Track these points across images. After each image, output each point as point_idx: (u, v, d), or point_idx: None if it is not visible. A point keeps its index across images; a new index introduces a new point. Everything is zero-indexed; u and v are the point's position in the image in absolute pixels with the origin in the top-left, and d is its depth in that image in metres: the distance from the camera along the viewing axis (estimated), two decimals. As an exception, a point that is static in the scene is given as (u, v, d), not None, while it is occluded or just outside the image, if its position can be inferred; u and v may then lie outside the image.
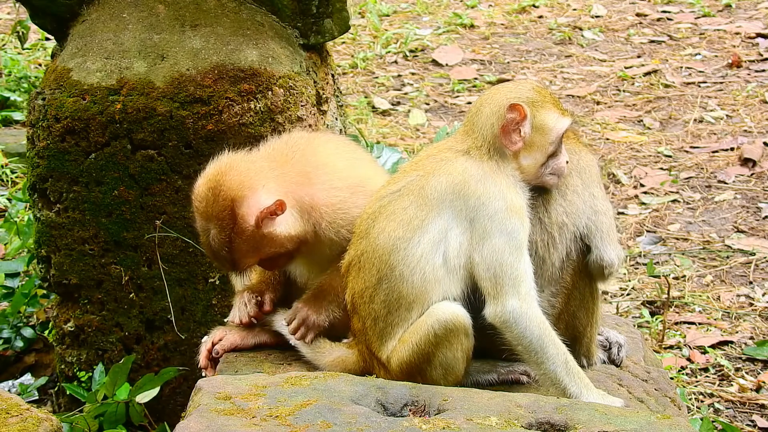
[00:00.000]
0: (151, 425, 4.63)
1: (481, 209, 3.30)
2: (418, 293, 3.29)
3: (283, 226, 3.47)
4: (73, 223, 4.71)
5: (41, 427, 3.46)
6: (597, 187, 3.60)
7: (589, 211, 3.55)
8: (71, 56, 4.72)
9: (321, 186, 3.56)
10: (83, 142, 4.63)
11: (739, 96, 8.71)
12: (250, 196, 3.43)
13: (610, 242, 3.55)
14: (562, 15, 10.59)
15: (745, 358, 5.60)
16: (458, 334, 3.27)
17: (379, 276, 3.33)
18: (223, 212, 3.41)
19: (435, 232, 3.30)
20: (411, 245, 3.29)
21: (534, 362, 3.33)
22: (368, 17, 10.54)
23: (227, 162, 3.53)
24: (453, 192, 3.32)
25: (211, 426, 2.99)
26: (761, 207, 7.04)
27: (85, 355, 4.85)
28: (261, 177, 3.49)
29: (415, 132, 8.25)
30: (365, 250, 3.37)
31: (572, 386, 3.30)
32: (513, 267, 3.27)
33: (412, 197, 3.34)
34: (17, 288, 5.54)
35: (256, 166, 3.52)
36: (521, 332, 3.28)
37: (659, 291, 6.10)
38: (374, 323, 3.36)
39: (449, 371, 3.33)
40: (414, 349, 3.30)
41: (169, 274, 4.51)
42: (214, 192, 3.43)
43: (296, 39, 4.86)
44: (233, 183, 3.44)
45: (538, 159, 3.44)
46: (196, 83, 4.58)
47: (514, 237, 3.29)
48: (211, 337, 3.81)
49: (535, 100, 3.43)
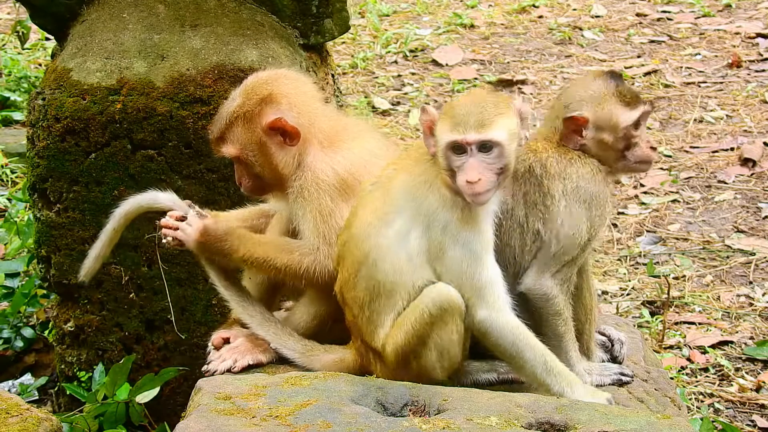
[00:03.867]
0: (151, 425, 4.63)
1: (432, 218, 3.30)
2: (393, 280, 3.31)
3: (279, 151, 3.61)
4: (73, 223, 4.71)
5: (41, 427, 3.46)
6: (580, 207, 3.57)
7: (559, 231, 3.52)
8: (71, 56, 4.72)
9: (328, 160, 3.60)
10: (83, 142, 4.63)
11: (739, 96, 8.71)
12: (283, 107, 3.60)
13: (545, 271, 3.50)
14: (562, 15, 10.59)
15: (745, 358, 5.60)
16: (453, 314, 3.27)
17: (358, 263, 3.36)
18: (255, 96, 3.62)
19: (397, 227, 3.32)
20: (380, 234, 3.32)
21: (514, 366, 3.37)
22: (368, 17, 10.54)
23: (296, 75, 3.79)
24: (409, 193, 3.34)
25: (211, 426, 2.99)
26: (761, 207, 7.04)
27: (85, 355, 4.85)
28: (304, 106, 3.65)
29: (415, 132, 8.24)
30: (348, 240, 3.41)
31: (555, 386, 3.32)
32: (474, 278, 3.27)
33: (382, 190, 3.38)
34: (17, 288, 5.54)
35: (309, 101, 3.69)
36: (495, 341, 3.31)
37: (659, 291, 6.10)
38: (361, 310, 3.38)
39: (445, 355, 3.32)
40: (409, 330, 3.29)
41: (169, 274, 4.51)
42: (266, 80, 3.65)
43: (296, 39, 4.86)
44: (283, 89, 3.64)
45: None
46: (196, 83, 4.58)
47: (470, 248, 3.28)
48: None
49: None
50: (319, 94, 3.77)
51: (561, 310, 3.45)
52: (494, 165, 3.24)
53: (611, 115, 3.49)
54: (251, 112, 3.60)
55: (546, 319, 3.44)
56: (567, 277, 3.47)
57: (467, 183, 3.20)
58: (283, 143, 3.61)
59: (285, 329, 3.64)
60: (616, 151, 3.52)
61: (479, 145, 3.23)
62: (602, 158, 3.54)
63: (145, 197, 3.80)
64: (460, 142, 3.22)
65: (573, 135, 3.53)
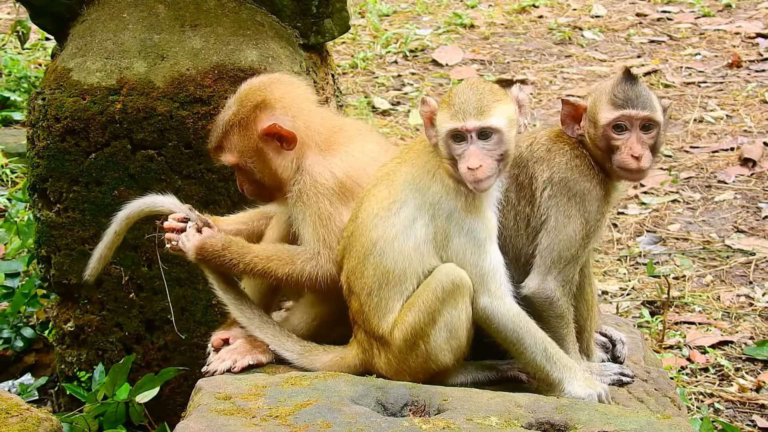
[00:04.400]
0: (151, 425, 4.63)
1: (437, 207, 3.37)
2: (402, 267, 3.37)
3: (277, 156, 3.61)
4: (73, 223, 4.71)
5: (41, 427, 3.47)
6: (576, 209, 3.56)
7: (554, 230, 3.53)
8: (71, 56, 4.72)
9: (326, 164, 3.60)
10: (83, 142, 4.63)
11: (739, 96, 8.71)
12: (278, 112, 3.60)
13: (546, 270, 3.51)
14: (562, 15, 10.59)
15: (745, 358, 5.60)
16: (464, 294, 3.32)
17: (365, 252, 3.40)
18: (249, 103, 3.61)
19: (404, 217, 3.38)
20: (387, 224, 3.38)
21: (514, 353, 3.41)
22: (368, 17, 10.54)
23: (291, 79, 3.78)
24: (413, 183, 3.40)
25: (211, 426, 3.00)
26: (761, 207, 7.04)
27: (85, 355, 4.85)
28: (299, 109, 3.64)
29: (415, 132, 8.24)
30: (354, 230, 3.46)
31: (554, 372, 3.37)
32: (477, 266, 3.34)
33: (386, 182, 3.44)
34: (17, 288, 5.54)
35: (304, 104, 3.67)
36: (495, 327, 3.36)
37: (659, 291, 6.10)
38: (369, 297, 3.41)
39: (453, 335, 3.36)
40: (420, 308, 3.34)
41: (169, 274, 4.51)
42: (259, 86, 3.64)
43: (296, 39, 4.86)
44: (277, 93, 3.63)
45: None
46: (196, 83, 4.58)
47: (474, 236, 3.34)
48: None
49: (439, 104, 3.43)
50: (315, 96, 3.77)
51: (564, 313, 3.47)
52: (494, 151, 3.31)
53: (596, 110, 3.51)
54: (246, 119, 3.60)
55: (548, 322, 3.46)
56: (569, 278, 3.47)
57: (468, 170, 3.27)
58: (280, 148, 3.61)
59: (283, 331, 3.64)
60: (602, 151, 3.51)
61: (479, 132, 3.30)
62: (595, 156, 3.54)
63: (146, 201, 3.81)
64: (460, 129, 3.29)
65: (571, 121, 3.56)
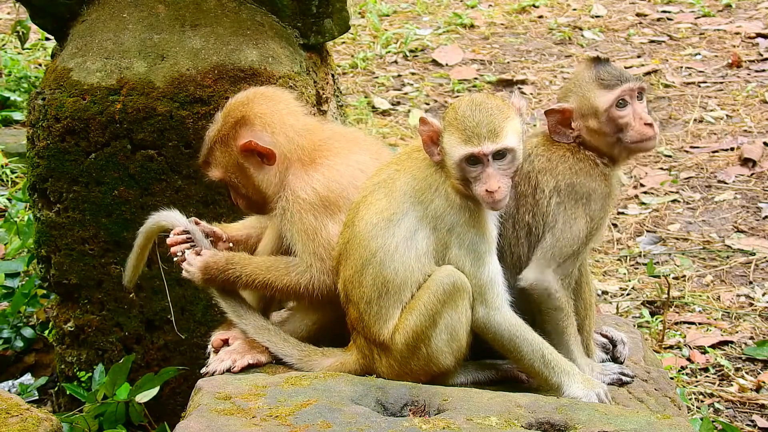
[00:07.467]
0: (151, 425, 4.63)
1: (438, 220, 3.38)
2: (402, 277, 3.38)
3: (259, 172, 3.62)
4: (73, 223, 4.71)
5: (41, 427, 3.47)
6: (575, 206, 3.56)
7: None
8: (71, 56, 4.72)
9: (307, 179, 3.58)
10: (83, 142, 4.63)
11: (739, 96, 8.70)
12: (257, 128, 3.60)
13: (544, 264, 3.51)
14: (562, 15, 10.59)
15: (745, 358, 5.60)
16: (464, 296, 3.34)
17: (362, 261, 3.40)
18: (231, 119, 3.62)
19: (404, 228, 3.39)
20: (387, 234, 3.38)
21: (513, 359, 3.45)
22: (368, 17, 10.54)
23: (273, 93, 3.75)
24: (414, 196, 3.40)
25: (211, 426, 3.00)
26: (761, 207, 7.04)
27: (85, 355, 4.85)
28: (279, 125, 3.63)
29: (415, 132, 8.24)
30: (350, 238, 3.44)
31: (553, 377, 3.38)
32: (475, 277, 3.36)
33: (385, 190, 3.43)
34: (17, 288, 5.54)
35: (286, 118, 3.65)
36: (492, 337, 3.39)
37: (659, 291, 6.10)
38: (368, 306, 3.41)
39: (454, 337, 3.37)
40: (421, 311, 3.35)
41: (169, 274, 4.51)
42: (241, 102, 3.65)
43: (296, 39, 4.86)
44: (257, 109, 3.63)
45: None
46: (196, 83, 4.58)
47: (474, 249, 3.36)
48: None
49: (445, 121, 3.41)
50: (300, 108, 3.74)
51: (563, 305, 3.46)
52: (509, 170, 3.34)
53: (590, 101, 3.47)
54: (227, 136, 3.62)
55: (548, 314, 3.46)
56: (568, 272, 3.47)
57: (487, 192, 3.29)
58: (261, 164, 3.62)
59: (280, 335, 3.63)
60: (609, 137, 3.48)
61: (494, 154, 3.31)
62: (600, 147, 3.51)
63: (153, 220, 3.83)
64: (477, 154, 3.29)
65: (563, 128, 3.52)
